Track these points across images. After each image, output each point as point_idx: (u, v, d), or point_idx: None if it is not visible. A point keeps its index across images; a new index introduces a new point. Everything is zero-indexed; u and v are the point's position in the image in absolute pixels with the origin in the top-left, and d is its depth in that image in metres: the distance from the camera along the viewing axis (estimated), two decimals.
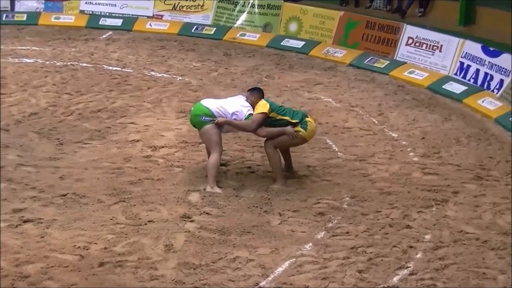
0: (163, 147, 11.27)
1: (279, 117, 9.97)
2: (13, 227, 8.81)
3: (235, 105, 10.02)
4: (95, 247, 8.47)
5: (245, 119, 9.92)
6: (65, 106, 12.79)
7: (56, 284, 7.75)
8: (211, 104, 10.05)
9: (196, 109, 10.05)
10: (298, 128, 9.94)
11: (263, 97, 10.12)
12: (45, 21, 18.29)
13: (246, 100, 10.09)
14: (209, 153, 10.26)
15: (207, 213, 9.38)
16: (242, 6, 18.00)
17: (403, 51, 15.79)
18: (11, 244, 8.43)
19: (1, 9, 18.38)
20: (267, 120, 9.92)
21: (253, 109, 9.96)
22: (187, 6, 18.44)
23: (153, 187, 10.00)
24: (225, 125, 10.00)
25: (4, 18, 18.16)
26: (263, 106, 9.92)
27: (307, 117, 10.15)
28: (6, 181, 9.93)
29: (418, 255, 8.61)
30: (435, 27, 15.90)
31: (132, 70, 15.00)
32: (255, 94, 10.12)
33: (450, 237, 9.03)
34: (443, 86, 14.48)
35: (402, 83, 14.88)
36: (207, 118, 9.92)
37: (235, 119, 9.94)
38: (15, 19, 18.27)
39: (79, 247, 8.43)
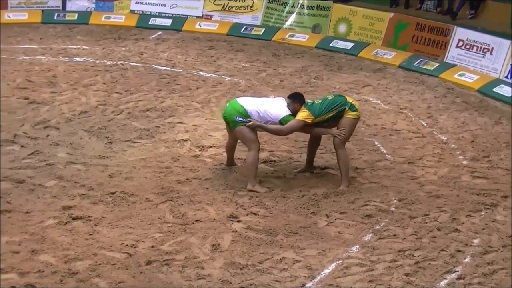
0: (211, 147, 11.31)
1: (328, 115, 9.86)
2: (63, 224, 8.91)
3: (274, 108, 9.83)
4: (143, 245, 8.53)
5: (280, 120, 9.79)
6: (114, 105, 12.89)
7: (104, 281, 7.83)
8: (248, 103, 9.86)
9: (231, 107, 9.87)
10: (349, 113, 9.87)
11: (304, 102, 9.92)
12: (95, 20, 18.47)
13: (288, 106, 9.88)
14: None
15: (254, 214, 9.39)
16: (291, 7, 17.99)
17: (453, 53, 15.66)
18: (60, 240, 8.53)
19: (53, 8, 18.62)
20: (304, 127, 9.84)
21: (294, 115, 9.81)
22: (236, 7, 18.49)
23: (201, 187, 10.04)
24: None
25: (55, 17, 18.41)
26: (306, 116, 9.76)
27: (346, 98, 10.06)
28: (56, 179, 10.04)
29: (466, 259, 8.54)
30: (486, 29, 15.74)
31: (181, 70, 15.07)
32: (297, 101, 9.88)
33: (499, 242, 8.93)
34: (494, 89, 14.34)
35: (452, 85, 14.77)
36: (241, 119, 9.77)
37: (271, 123, 9.80)
38: (66, 18, 18.48)
39: (127, 245, 8.50)
